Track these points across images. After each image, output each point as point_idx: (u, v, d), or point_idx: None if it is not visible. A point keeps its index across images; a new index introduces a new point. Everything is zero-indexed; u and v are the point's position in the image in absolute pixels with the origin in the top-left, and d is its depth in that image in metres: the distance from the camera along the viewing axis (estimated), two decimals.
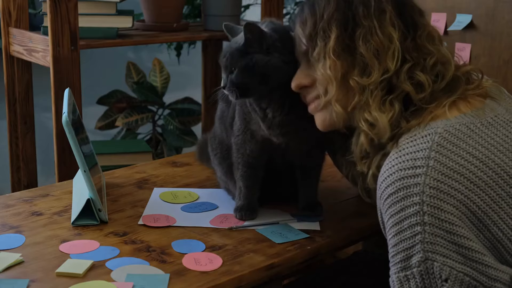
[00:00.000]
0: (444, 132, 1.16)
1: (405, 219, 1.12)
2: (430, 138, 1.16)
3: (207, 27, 2.52)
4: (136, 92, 3.03)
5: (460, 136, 1.16)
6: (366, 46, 1.24)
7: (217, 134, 1.66)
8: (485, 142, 1.17)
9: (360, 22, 1.26)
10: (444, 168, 1.12)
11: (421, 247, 1.10)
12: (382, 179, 1.17)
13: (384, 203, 1.16)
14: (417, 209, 1.11)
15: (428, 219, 1.10)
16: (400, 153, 1.16)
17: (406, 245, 1.12)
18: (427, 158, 1.13)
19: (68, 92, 1.58)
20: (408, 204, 1.12)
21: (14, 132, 2.32)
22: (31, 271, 1.30)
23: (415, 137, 1.18)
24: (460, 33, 2.08)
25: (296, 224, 1.53)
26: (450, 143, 1.15)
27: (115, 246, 1.41)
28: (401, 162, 1.15)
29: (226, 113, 1.60)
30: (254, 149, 1.52)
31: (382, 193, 1.16)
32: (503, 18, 1.98)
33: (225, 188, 1.69)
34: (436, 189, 1.11)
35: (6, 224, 1.51)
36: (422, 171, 1.12)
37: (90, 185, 1.49)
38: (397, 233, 1.13)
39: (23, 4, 2.24)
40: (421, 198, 1.11)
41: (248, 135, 1.52)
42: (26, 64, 2.29)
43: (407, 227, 1.12)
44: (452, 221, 1.10)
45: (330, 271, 1.73)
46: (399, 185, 1.13)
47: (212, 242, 1.44)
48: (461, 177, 1.12)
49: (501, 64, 2.00)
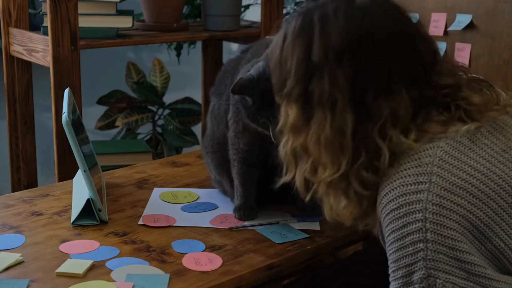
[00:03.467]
0: (446, 145, 1.15)
1: (407, 236, 1.11)
2: (432, 153, 1.14)
3: (207, 27, 2.51)
4: (136, 92, 3.03)
5: (462, 149, 1.15)
6: (317, 140, 1.15)
7: (208, 132, 1.67)
8: (485, 153, 1.16)
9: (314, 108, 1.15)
10: (446, 183, 1.11)
11: (423, 263, 1.10)
12: (383, 194, 1.15)
13: (385, 218, 1.15)
14: (419, 226, 1.10)
15: (431, 236, 1.09)
16: (402, 168, 1.14)
17: (408, 261, 1.11)
18: (429, 174, 1.12)
19: (68, 92, 1.58)
20: (410, 221, 1.11)
21: (14, 132, 2.32)
22: (31, 271, 1.30)
23: (417, 150, 1.15)
24: (460, 33, 2.08)
25: (296, 224, 1.53)
26: (453, 157, 1.14)
27: (115, 246, 1.41)
28: (403, 177, 1.13)
29: (217, 105, 1.60)
30: (246, 142, 1.52)
31: (384, 209, 1.15)
32: (503, 18, 1.98)
33: (222, 191, 1.69)
34: (439, 206, 1.10)
35: (6, 224, 1.51)
36: (425, 187, 1.11)
37: (90, 185, 1.49)
38: (399, 249, 1.12)
39: (23, 4, 2.24)
40: (423, 215, 1.10)
41: (240, 127, 1.52)
42: (26, 64, 2.29)
43: (409, 243, 1.11)
44: (455, 237, 1.10)
45: (330, 271, 1.73)
46: (401, 201, 1.12)
47: (212, 242, 1.44)
48: (463, 191, 1.11)
49: (501, 64, 2.00)
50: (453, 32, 2.09)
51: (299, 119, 1.17)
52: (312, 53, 1.14)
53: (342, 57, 1.12)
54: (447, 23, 2.11)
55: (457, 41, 2.09)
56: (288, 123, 1.19)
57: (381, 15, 1.15)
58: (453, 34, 2.10)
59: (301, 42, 1.16)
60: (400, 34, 1.16)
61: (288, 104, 1.18)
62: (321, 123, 1.14)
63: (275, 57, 1.20)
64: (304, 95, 1.15)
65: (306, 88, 1.15)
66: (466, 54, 2.06)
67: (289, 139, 1.20)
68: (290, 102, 1.18)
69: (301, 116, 1.17)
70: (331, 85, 1.13)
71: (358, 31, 1.13)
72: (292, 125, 1.18)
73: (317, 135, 1.15)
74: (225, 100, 1.57)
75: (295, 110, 1.17)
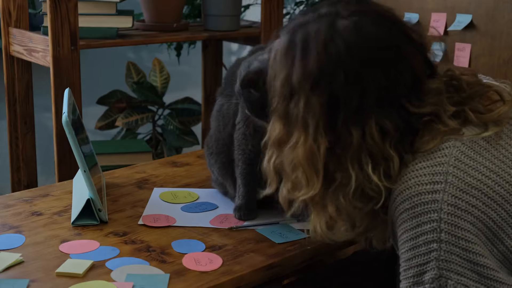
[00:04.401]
0: (462, 145, 1.14)
1: (421, 235, 1.11)
2: (449, 152, 1.13)
3: (207, 27, 2.51)
4: (136, 92, 3.03)
5: (478, 149, 1.15)
6: (292, 159, 1.17)
7: (212, 133, 1.66)
8: (500, 154, 1.15)
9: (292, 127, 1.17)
10: (462, 184, 1.11)
11: (435, 264, 1.10)
12: (398, 193, 1.15)
13: (399, 218, 1.14)
14: (434, 226, 1.10)
15: (445, 237, 1.09)
16: (418, 166, 1.14)
17: (420, 260, 1.11)
18: (445, 174, 1.11)
19: (68, 92, 1.58)
20: (425, 221, 1.11)
21: (14, 132, 2.32)
22: (31, 271, 1.30)
23: (433, 150, 1.15)
24: (460, 33, 2.08)
25: (296, 224, 1.53)
26: (468, 158, 1.13)
27: (115, 246, 1.41)
28: (419, 176, 1.13)
29: (226, 106, 1.60)
30: (256, 144, 1.52)
31: (398, 208, 1.15)
32: (503, 18, 1.98)
33: (222, 192, 1.69)
34: (454, 206, 1.10)
35: (6, 224, 1.51)
36: (441, 187, 1.11)
37: (90, 185, 1.49)
38: (411, 248, 1.12)
39: (23, 4, 2.24)
40: (439, 215, 1.10)
41: (251, 129, 1.52)
42: (26, 64, 2.29)
43: (423, 243, 1.11)
44: (469, 238, 1.09)
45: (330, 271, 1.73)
46: (416, 201, 1.12)
47: (212, 242, 1.44)
48: (478, 192, 1.11)
49: (501, 64, 2.00)
50: (453, 32, 2.10)
51: (282, 135, 1.19)
52: (292, 76, 1.15)
53: (317, 84, 1.13)
54: (447, 23, 2.11)
55: (457, 41, 2.09)
56: (271, 138, 1.21)
57: (361, 40, 1.14)
58: (453, 34, 2.10)
59: (285, 62, 1.17)
60: (378, 60, 1.14)
61: (274, 120, 1.21)
62: (296, 143, 1.16)
63: (269, 73, 1.22)
64: (286, 114, 1.17)
65: (287, 107, 1.17)
66: (466, 54, 2.06)
67: (273, 154, 1.22)
68: (275, 118, 1.20)
69: (284, 133, 1.19)
70: (305, 109, 1.15)
71: (334, 59, 1.13)
72: (276, 140, 1.21)
73: (292, 155, 1.17)
74: (234, 102, 1.57)
75: (278, 127, 1.19)
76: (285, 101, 1.17)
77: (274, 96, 1.19)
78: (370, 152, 1.14)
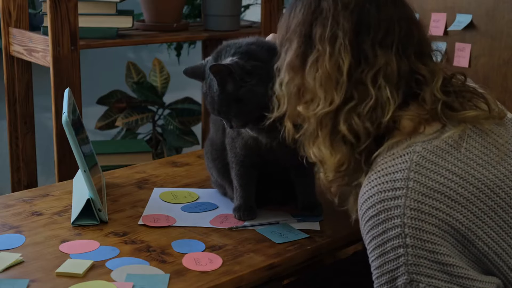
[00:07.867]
0: (422, 150, 1.15)
1: (388, 242, 1.12)
2: (409, 158, 1.14)
3: (207, 27, 2.52)
4: (136, 92, 3.03)
5: (439, 153, 1.15)
6: (314, 74, 1.20)
7: (210, 135, 1.68)
8: (464, 157, 1.16)
9: (314, 45, 1.20)
10: (423, 188, 1.12)
11: (405, 269, 1.11)
12: (362, 201, 1.16)
13: (365, 225, 1.16)
14: (398, 232, 1.11)
15: (410, 241, 1.10)
16: (380, 174, 1.15)
17: (390, 267, 1.12)
18: (406, 179, 1.12)
19: (68, 92, 1.58)
20: (389, 227, 1.12)
21: (14, 132, 2.32)
22: (31, 271, 1.30)
23: (394, 156, 1.16)
24: (460, 33, 2.08)
25: (296, 224, 1.53)
26: (429, 162, 1.14)
27: (115, 246, 1.41)
28: (381, 183, 1.14)
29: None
30: (242, 147, 1.53)
31: (363, 215, 1.16)
32: (503, 18, 1.98)
33: (222, 193, 1.69)
34: (416, 210, 1.11)
35: (6, 224, 1.51)
36: (402, 192, 1.12)
37: (90, 185, 1.49)
38: (380, 255, 1.13)
39: (23, 4, 2.24)
40: (402, 220, 1.11)
41: (235, 132, 1.53)
42: (26, 64, 2.29)
43: (390, 249, 1.12)
44: (434, 240, 1.10)
45: (330, 271, 1.73)
46: (379, 208, 1.13)
47: (212, 242, 1.44)
48: (441, 195, 1.12)
49: (501, 64, 2.00)
50: (453, 32, 2.10)
51: (297, 58, 1.22)
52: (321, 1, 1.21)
53: (348, 6, 1.19)
54: (447, 23, 2.11)
55: (457, 41, 2.09)
56: (286, 62, 1.24)
57: None
58: (453, 34, 2.10)
59: None
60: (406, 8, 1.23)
61: (288, 47, 1.24)
62: (320, 57, 1.19)
63: (283, 18, 1.28)
64: (306, 35, 1.21)
65: (310, 28, 1.21)
66: (466, 54, 2.06)
67: (285, 77, 1.25)
68: (291, 43, 1.23)
69: (299, 55, 1.22)
70: (334, 25, 1.18)
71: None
72: (290, 64, 1.23)
73: (315, 69, 1.19)
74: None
75: (294, 50, 1.22)
76: (307, 23, 1.21)
77: (292, 25, 1.24)
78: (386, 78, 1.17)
